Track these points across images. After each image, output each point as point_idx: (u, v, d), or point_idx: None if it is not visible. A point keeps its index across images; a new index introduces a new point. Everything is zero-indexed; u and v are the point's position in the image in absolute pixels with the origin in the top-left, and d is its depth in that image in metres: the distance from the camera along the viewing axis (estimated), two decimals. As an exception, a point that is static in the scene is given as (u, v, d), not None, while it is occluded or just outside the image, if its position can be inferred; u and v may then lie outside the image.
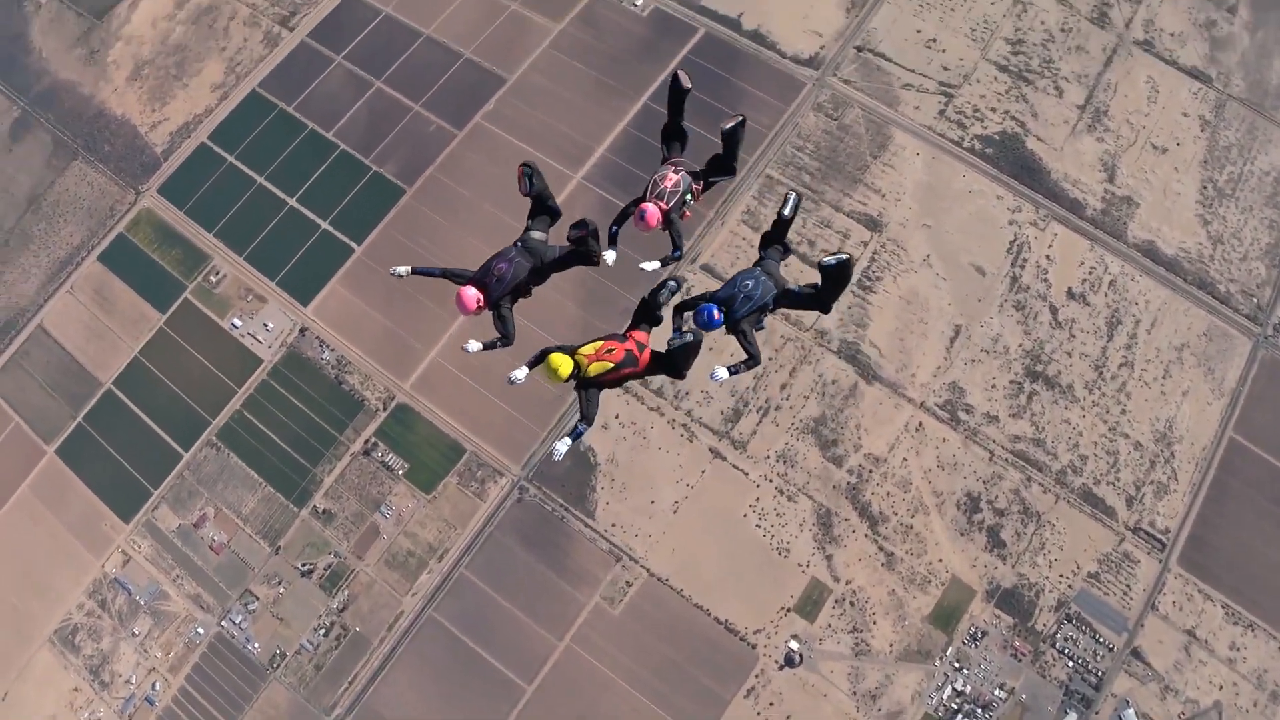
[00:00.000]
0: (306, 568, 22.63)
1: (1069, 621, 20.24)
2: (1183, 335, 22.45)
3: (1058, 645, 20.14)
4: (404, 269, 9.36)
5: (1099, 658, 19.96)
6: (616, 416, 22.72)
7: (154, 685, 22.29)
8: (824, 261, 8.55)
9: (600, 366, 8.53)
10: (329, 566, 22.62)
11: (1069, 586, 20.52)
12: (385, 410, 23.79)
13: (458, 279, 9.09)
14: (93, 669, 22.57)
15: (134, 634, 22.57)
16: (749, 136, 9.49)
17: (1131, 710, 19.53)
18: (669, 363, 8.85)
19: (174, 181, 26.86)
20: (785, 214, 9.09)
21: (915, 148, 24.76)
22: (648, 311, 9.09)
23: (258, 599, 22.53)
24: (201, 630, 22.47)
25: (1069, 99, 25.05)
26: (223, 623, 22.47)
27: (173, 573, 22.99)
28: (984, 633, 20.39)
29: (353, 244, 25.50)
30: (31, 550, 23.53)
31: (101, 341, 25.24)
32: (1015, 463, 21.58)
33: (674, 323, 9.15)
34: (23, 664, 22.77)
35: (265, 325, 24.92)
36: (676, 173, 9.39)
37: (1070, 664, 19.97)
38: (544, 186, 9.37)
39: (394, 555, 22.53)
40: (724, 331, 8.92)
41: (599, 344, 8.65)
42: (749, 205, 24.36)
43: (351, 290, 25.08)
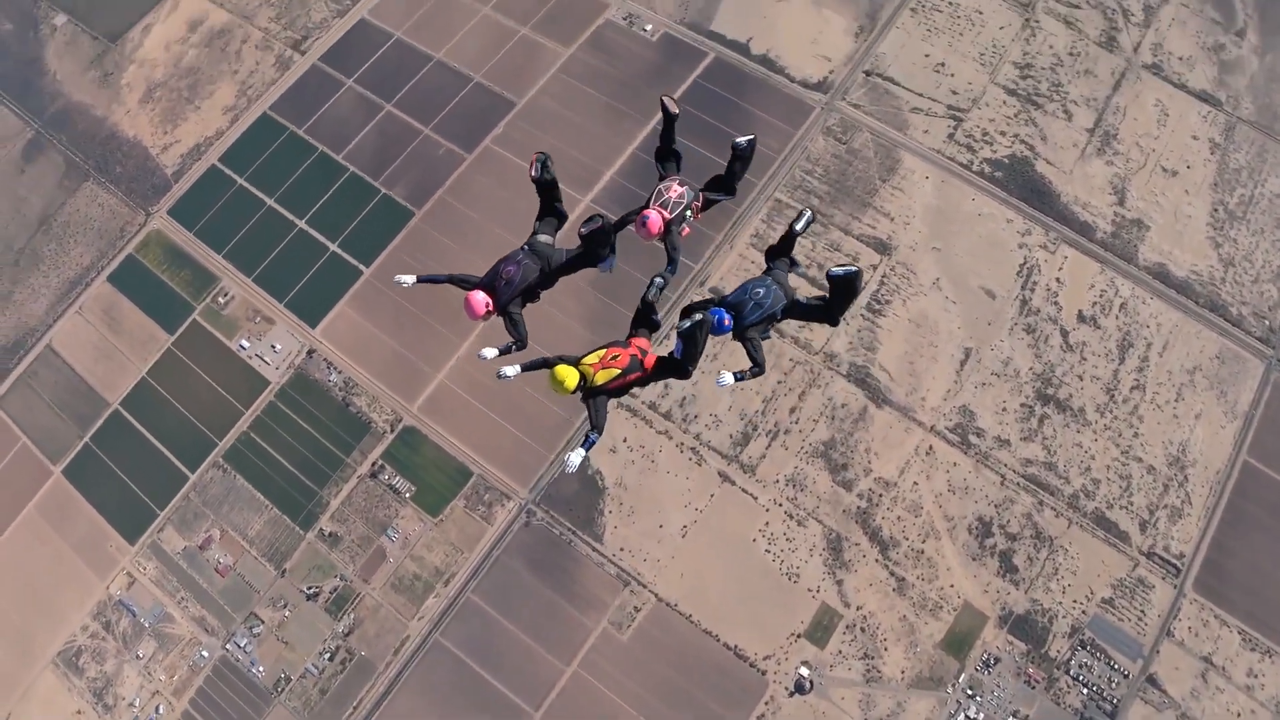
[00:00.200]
0: (312, 591, 23.08)
1: (1083, 648, 20.54)
2: (1195, 358, 22.96)
3: (1072, 672, 20.41)
4: (409, 278, 9.46)
5: (1114, 685, 20.22)
6: (625, 440, 23.19)
7: (157, 709, 22.65)
8: (833, 272, 8.79)
9: (607, 374, 8.66)
10: (335, 590, 23.06)
11: (1083, 612, 20.84)
12: (392, 433, 24.31)
13: (465, 284, 9.26)
14: (96, 691, 22.95)
15: (138, 656, 22.98)
16: (757, 160, 9.89)
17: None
18: (674, 362, 8.92)
19: (184, 203, 27.74)
20: (796, 229, 9.26)
21: (924, 171, 25.49)
22: (646, 318, 9.27)
23: (263, 622, 22.96)
24: (206, 653, 22.88)
25: (1078, 122, 25.81)
26: (227, 646, 22.86)
27: (177, 595, 23.46)
28: (997, 659, 20.68)
29: (361, 266, 26.25)
30: (36, 571, 24.02)
31: (110, 362, 25.95)
32: (1027, 487, 21.99)
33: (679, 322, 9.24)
34: (26, 685, 23.15)
35: (273, 347, 25.59)
36: (681, 185, 9.67)
37: (1085, 691, 20.22)
38: (555, 179, 9.53)
39: (400, 579, 22.96)
40: (730, 338, 9.06)
41: (602, 352, 8.79)
42: (757, 228, 25.05)
43: (360, 312, 25.76)
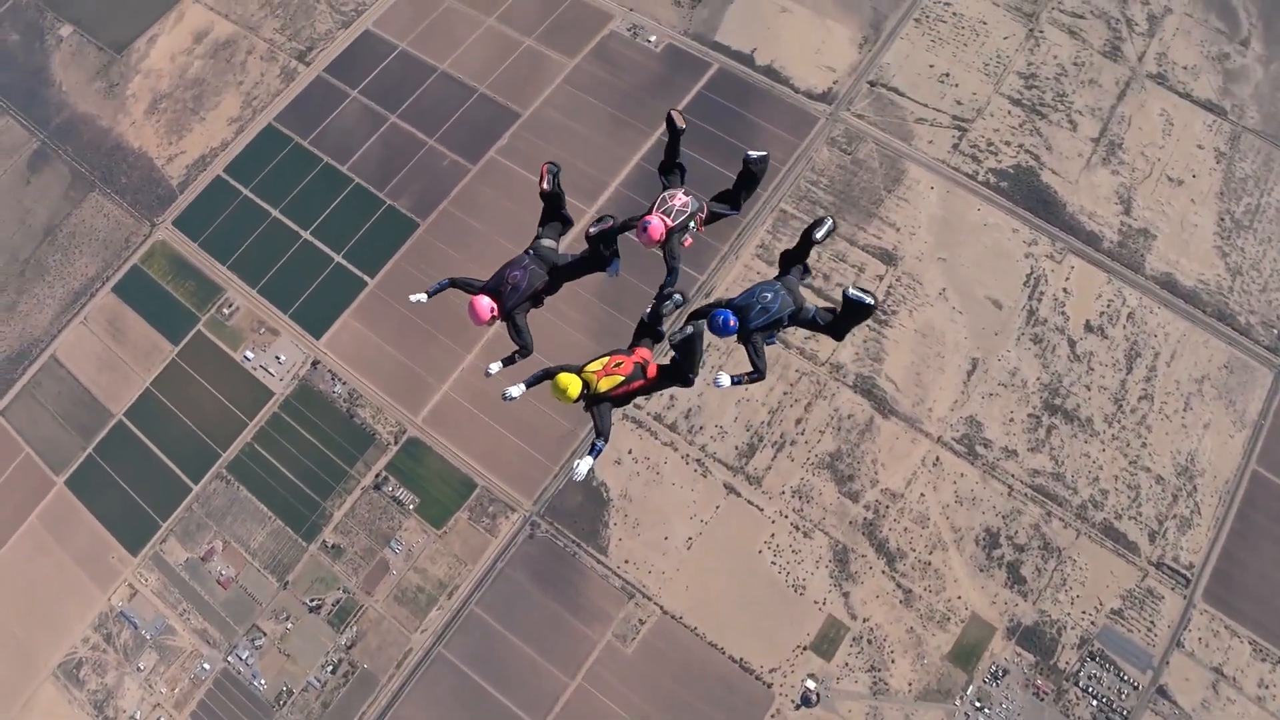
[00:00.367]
0: (315, 603, 23.38)
1: (1092, 659, 20.76)
2: (1203, 367, 23.29)
3: (1081, 684, 20.61)
4: (421, 295, 9.51)
5: (1124, 696, 20.43)
6: (630, 451, 23.51)
7: (158, 721, 22.99)
8: (849, 294, 8.83)
9: (610, 381, 8.74)
10: (337, 602, 23.36)
11: (1092, 623, 21.07)
12: (396, 444, 24.66)
13: (469, 289, 9.26)
14: (97, 704, 23.20)
15: (139, 669, 23.24)
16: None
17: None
18: (676, 369, 9.02)
19: (189, 214, 28.28)
20: (816, 237, 9.30)
21: (930, 181, 25.97)
22: (648, 329, 9.37)
23: (265, 634, 23.25)
24: (207, 666, 23.15)
25: (1083, 132, 26.30)
26: (229, 658, 23.14)
27: (179, 607, 23.77)
28: (1005, 671, 20.90)
29: (366, 277, 26.72)
30: (38, 582, 24.33)
31: (114, 372, 26.39)
32: (1035, 497, 22.29)
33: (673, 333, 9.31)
34: (26, 697, 23.40)
35: (277, 358, 26.02)
36: (686, 195, 9.66)
37: (1094, 703, 20.41)
38: (562, 189, 9.67)
39: (403, 591, 23.25)
40: (735, 341, 9.13)
41: (605, 360, 8.89)
42: (763, 239, 25.48)
43: (364, 323, 26.20)
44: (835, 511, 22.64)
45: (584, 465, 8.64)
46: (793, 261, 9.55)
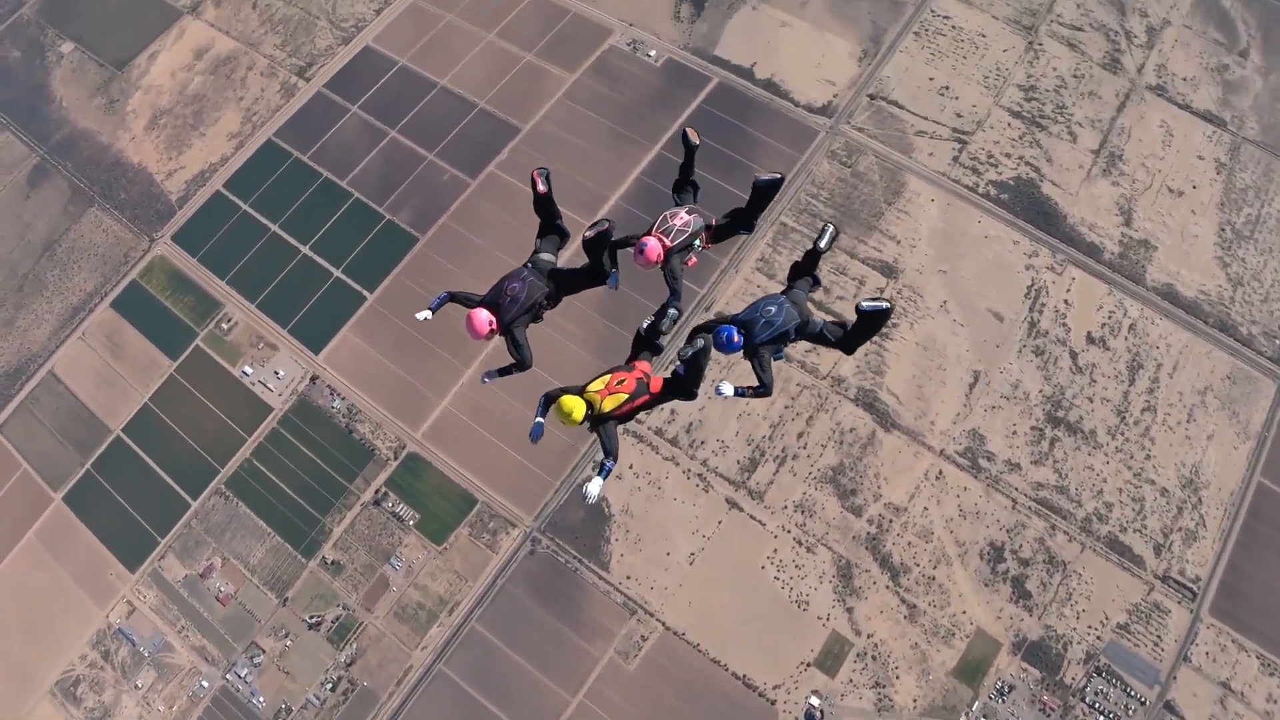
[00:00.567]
0: (314, 620, 23.56)
1: (1099, 674, 20.89)
2: (1205, 378, 23.57)
3: (1088, 699, 20.73)
4: (425, 313, 9.35)
5: (1131, 712, 20.52)
6: (631, 467, 23.71)
7: (156, 740, 23.13)
8: (863, 306, 8.83)
9: (614, 400, 8.66)
10: (337, 619, 23.53)
11: (1098, 638, 21.22)
12: (396, 460, 24.91)
13: (467, 302, 9.12)
14: (94, 722, 23.47)
15: (137, 686, 23.39)
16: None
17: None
18: (679, 382, 8.97)
19: (188, 229, 28.69)
20: (820, 246, 9.35)
21: (930, 194, 26.36)
22: (648, 342, 9.33)
23: (264, 651, 23.42)
24: (206, 683, 23.29)
25: (1083, 144, 26.72)
26: (228, 676, 23.28)
27: (178, 624, 23.95)
28: (1011, 687, 21.03)
29: (365, 292, 27.07)
30: (36, 599, 24.51)
31: (112, 388, 26.70)
32: (1039, 511, 22.50)
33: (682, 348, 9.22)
34: (24, 715, 23.52)
35: (276, 373, 26.32)
36: (689, 214, 9.45)
37: (1101, 718, 20.51)
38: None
39: (404, 608, 23.43)
40: (741, 356, 9.04)
41: (607, 378, 8.80)
42: (763, 253, 25.84)
43: (363, 338, 26.52)
44: (838, 526, 22.84)
45: (594, 487, 8.55)
46: (801, 274, 9.58)
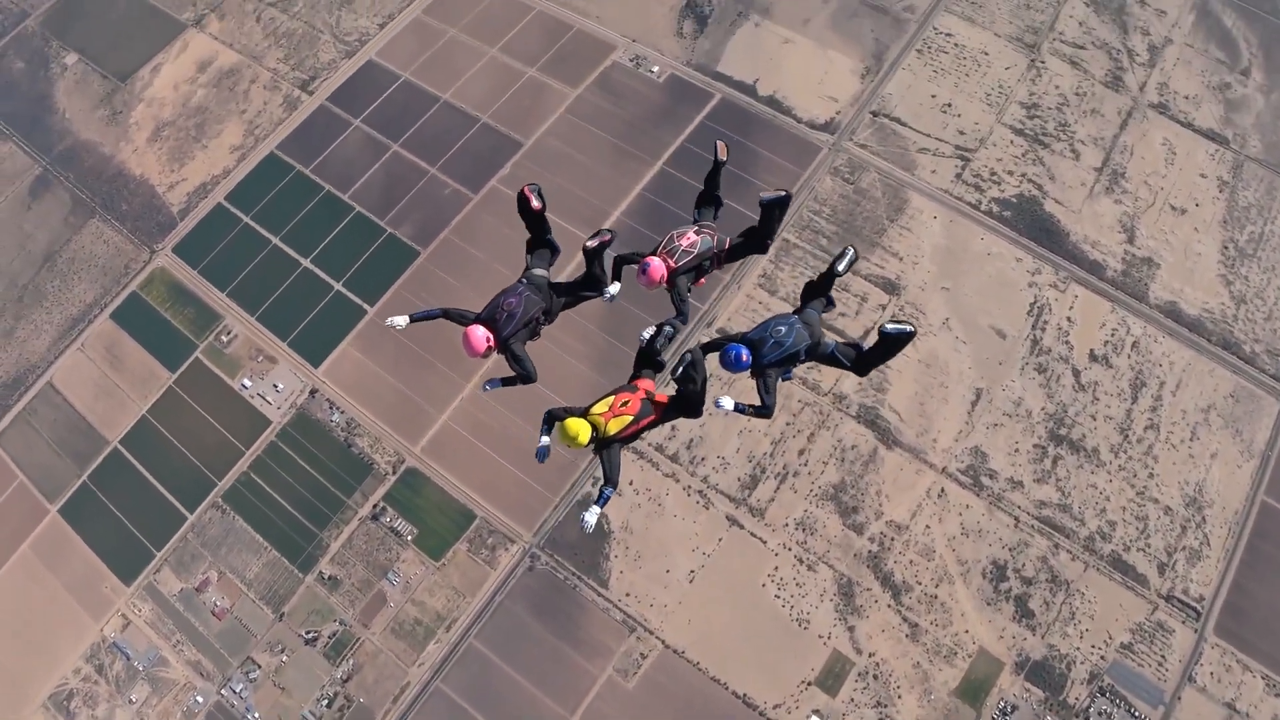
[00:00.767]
0: (310, 635, 23.67)
1: (1102, 694, 20.98)
2: (1209, 397, 23.80)
3: (1091, 719, 20.97)
4: (401, 320, 9.35)
5: (1135, 733, 20.70)
6: (631, 483, 23.87)
7: (149, 756, 23.17)
8: (887, 329, 8.71)
9: (619, 422, 8.61)
10: (334, 635, 23.64)
11: (1101, 658, 21.33)
12: (395, 474, 25.08)
13: (462, 319, 9.12)
14: (87, 738, 23.51)
15: (130, 701, 23.41)
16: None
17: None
18: (684, 400, 8.92)
19: (189, 241, 29.02)
20: (839, 269, 9.22)
21: (932, 211, 26.73)
22: (649, 358, 9.26)
23: (259, 667, 23.52)
24: (201, 699, 23.35)
25: (1086, 161, 27.13)
26: (223, 691, 23.36)
27: (173, 638, 24.04)
28: (1014, 707, 21.09)
29: (365, 305, 27.37)
30: (30, 611, 24.61)
31: (110, 400, 26.94)
32: (1042, 529, 22.67)
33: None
34: (16, 730, 23.74)
35: (275, 386, 26.58)
36: (698, 234, 9.42)
37: (1105, 740, 20.69)
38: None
39: (401, 624, 23.55)
40: (748, 375, 9.03)
41: (610, 399, 8.74)
42: (765, 269, 26.14)
43: (363, 352, 26.79)
44: (839, 544, 22.99)
45: (592, 516, 8.54)
46: (815, 294, 9.51)
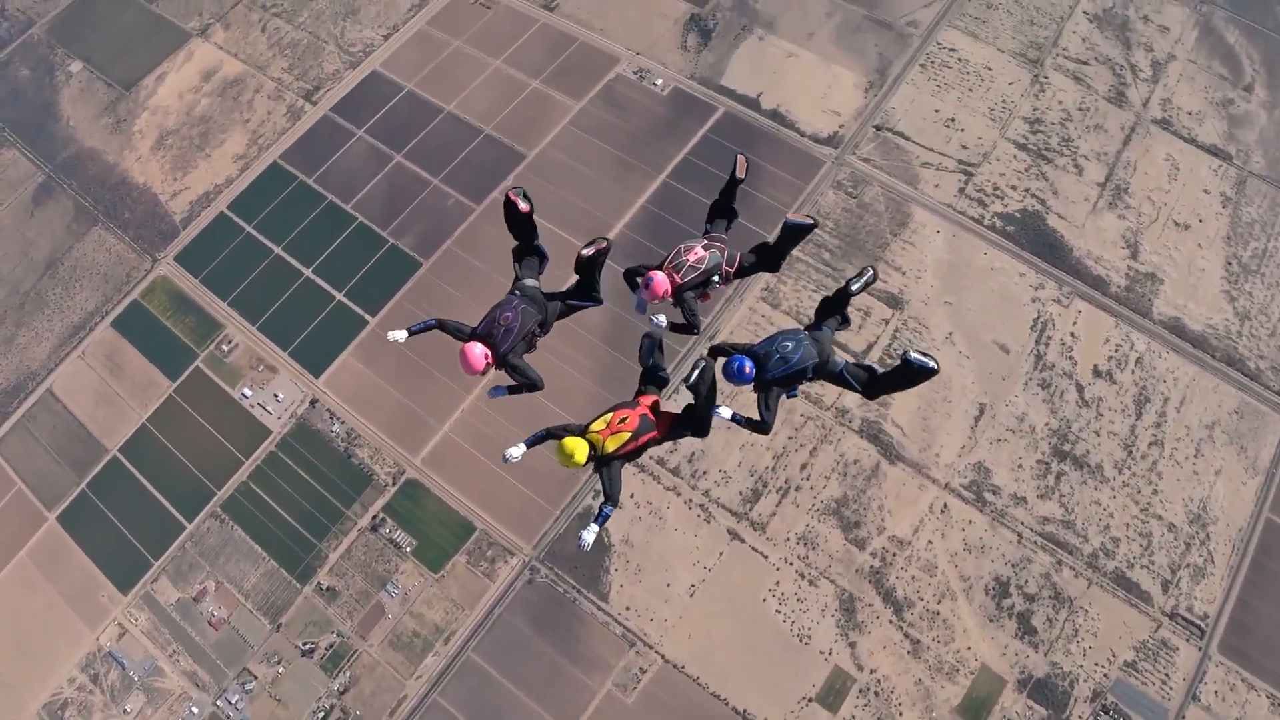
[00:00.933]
0: (308, 647, 23.74)
1: (1106, 713, 20.98)
2: (1213, 413, 23.94)
3: (1094, 738, 20.90)
4: (401, 334, 9.29)
5: (1138, 752, 20.72)
6: (632, 496, 24.01)
7: (143, 767, 23.16)
8: (912, 358, 8.51)
9: (617, 440, 8.47)
10: (331, 646, 23.71)
11: (1105, 676, 21.37)
12: (394, 485, 25.21)
13: (458, 334, 9.01)
14: (81, 749, 23.52)
15: (125, 711, 23.45)
16: (769, 212, 10.11)
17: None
18: (689, 417, 8.90)
19: (191, 250, 29.31)
20: (853, 289, 9.11)
21: (935, 225, 26.97)
22: (653, 374, 9.19)
23: (256, 678, 23.57)
24: (196, 710, 23.36)
25: (1089, 176, 27.40)
26: (218, 702, 23.38)
27: (169, 648, 24.11)
28: (1016, 725, 21.21)
29: (367, 316, 27.59)
30: (25, 620, 24.69)
31: (110, 408, 27.12)
32: (1045, 545, 22.76)
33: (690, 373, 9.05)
34: (11, 740, 23.76)
35: (275, 396, 26.76)
36: (706, 249, 9.40)
37: (1108, 759, 20.71)
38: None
39: (399, 636, 23.62)
40: (751, 389, 8.92)
41: (609, 416, 8.62)
42: (768, 282, 26.26)
43: (364, 362, 26.98)
44: (841, 559, 23.07)
45: (590, 535, 8.50)
46: (830, 312, 9.39)
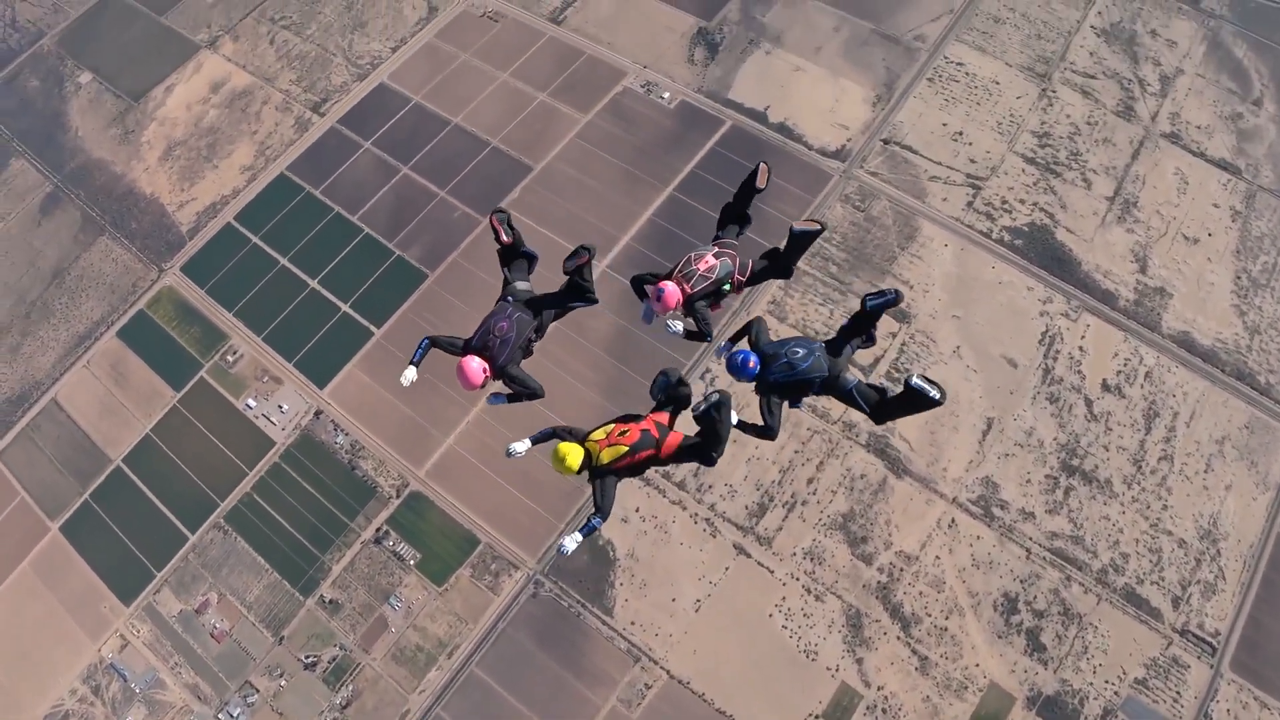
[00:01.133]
0: (310, 660, 23.84)
1: (1116, 731, 21.08)
2: (1223, 428, 24.01)
3: (1105, 757, 20.88)
4: (410, 373, 9.05)
5: (1150, 771, 20.70)
6: (637, 510, 24.14)
7: (144, 781, 23.23)
8: (914, 383, 8.33)
9: (613, 452, 8.34)
10: (334, 659, 23.80)
11: (1115, 693, 21.36)
12: (398, 498, 25.35)
13: (452, 348, 8.88)
14: (81, 762, 23.60)
15: (126, 724, 23.72)
16: (775, 226, 10.23)
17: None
18: (698, 448, 8.50)
19: (197, 260, 29.66)
20: (869, 304, 8.92)
21: (943, 239, 27.18)
22: (675, 396, 8.90)
23: (258, 691, 23.66)
24: (197, 723, 23.62)
25: (1097, 190, 27.62)
26: (219, 715, 23.43)
27: (171, 660, 24.23)
28: (1026, 743, 21.21)
29: (372, 327, 27.84)
30: (27, 631, 24.84)
31: (114, 418, 27.36)
32: (1054, 561, 22.80)
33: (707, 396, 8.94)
34: (10, 752, 23.86)
35: (280, 407, 26.98)
36: (717, 257, 9.28)
37: (1119, 778, 20.68)
38: (516, 230, 9.68)
39: (402, 650, 23.69)
40: (753, 390, 8.76)
41: (611, 427, 8.55)
42: (775, 295, 26.53)
43: (369, 374, 27.18)
44: (848, 574, 23.12)
45: (571, 542, 8.42)
46: (852, 334, 9.13)
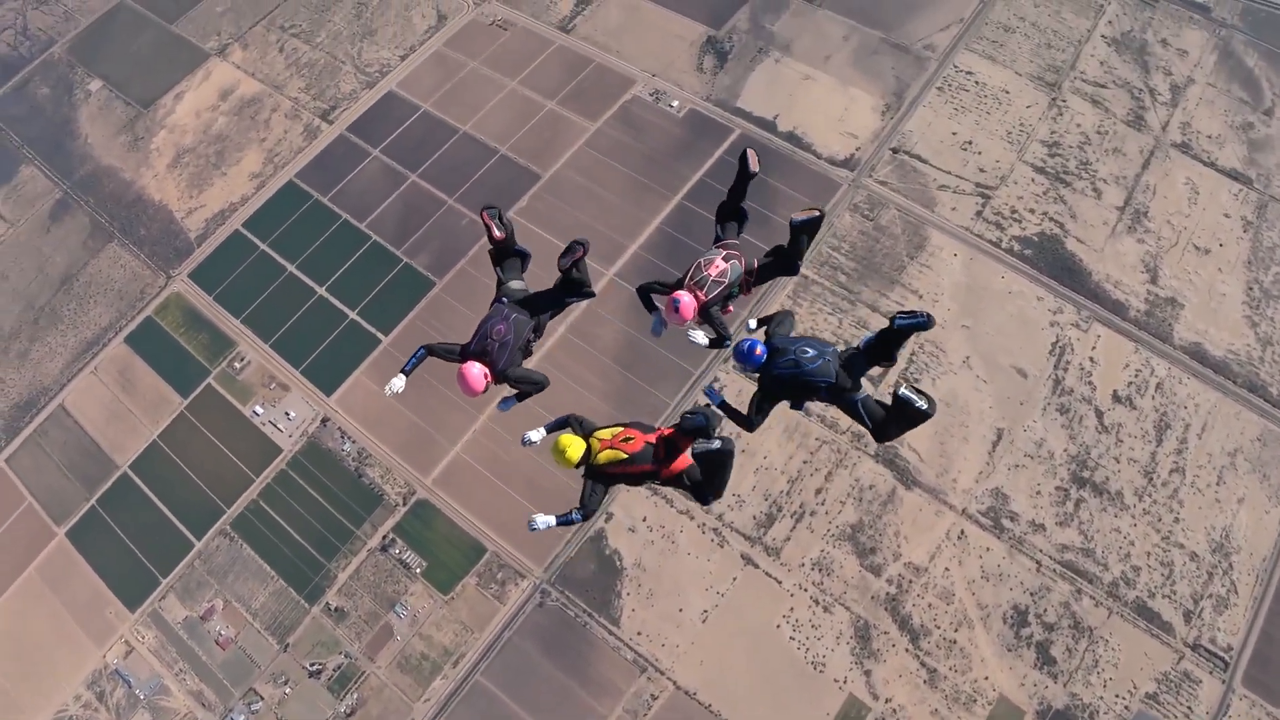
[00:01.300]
0: (315, 667, 23.94)
1: (1127, 746, 21.07)
2: (1235, 440, 24.01)
3: (1116, 772, 20.89)
4: (399, 381, 8.86)
5: (1161, 787, 20.66)
6: (644, 519, 24.26)
7: (148, 788, 23.34)
8: (900, 392, 7.99)
9: (611, 456, 8.17)
10: (339, 667, 23.89)
11: (1126, 708, 21.31)
12: (405, 506, 25.48)
13: (449, 356, 8.78)
14: (85, 768, 23.72)
15: (131, 730, 23.83)
16: (783, 236, 10.31)
17: None
18: (698, 485, 8.31)
19: (205, 267, 29.93)
20: (897, 323, 8.40)
21: (953, 248, 27.31)
22: (696, 427, 8.44)
23: (262, 699, 23.77)
24: (202, 730, 23.71)
25: (1108, 200, 27.71)
26: (224, 723, 23.72)
27: (175, 666, 24.35)
28: (1036, 757, 21.18)
29: (380, 335, 28.05)
30: (32, 636, 25.01)
31: (121, 424, 27.58)
32: (1064, 574, 22.80)
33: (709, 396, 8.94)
34: (15, 758, 23.97)
35: (287, 414, 27.18)
36: (726, 260, 9.30)
37: (1130, 793, 20.66)
38: (509, 226, 9.54)
39: (407, 658, 23.79)
40: (755, 380, 8.62)
41: (618, 430, 8.40)
42: (783, 304, 26.70)
43: (376, 381, 27.25)
44: (856, 585, 23.16)
45: (541, 520, 8.41)
46: (877, 356, 8.76)
